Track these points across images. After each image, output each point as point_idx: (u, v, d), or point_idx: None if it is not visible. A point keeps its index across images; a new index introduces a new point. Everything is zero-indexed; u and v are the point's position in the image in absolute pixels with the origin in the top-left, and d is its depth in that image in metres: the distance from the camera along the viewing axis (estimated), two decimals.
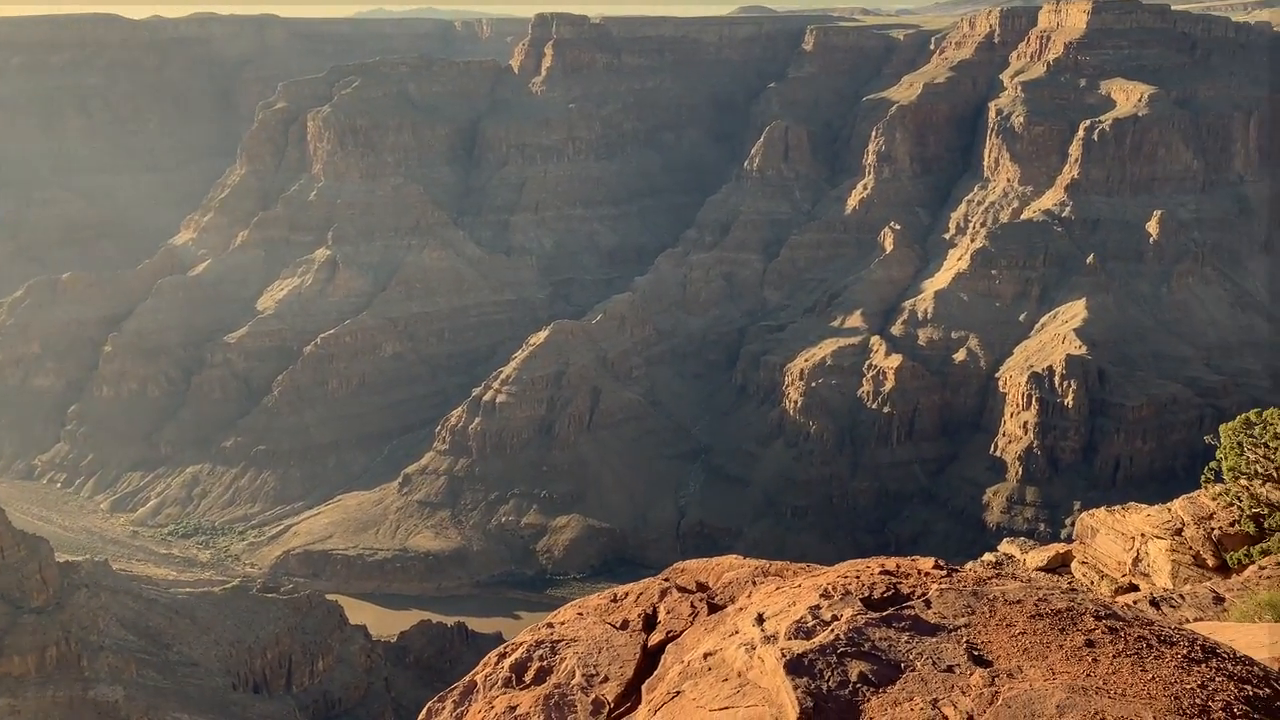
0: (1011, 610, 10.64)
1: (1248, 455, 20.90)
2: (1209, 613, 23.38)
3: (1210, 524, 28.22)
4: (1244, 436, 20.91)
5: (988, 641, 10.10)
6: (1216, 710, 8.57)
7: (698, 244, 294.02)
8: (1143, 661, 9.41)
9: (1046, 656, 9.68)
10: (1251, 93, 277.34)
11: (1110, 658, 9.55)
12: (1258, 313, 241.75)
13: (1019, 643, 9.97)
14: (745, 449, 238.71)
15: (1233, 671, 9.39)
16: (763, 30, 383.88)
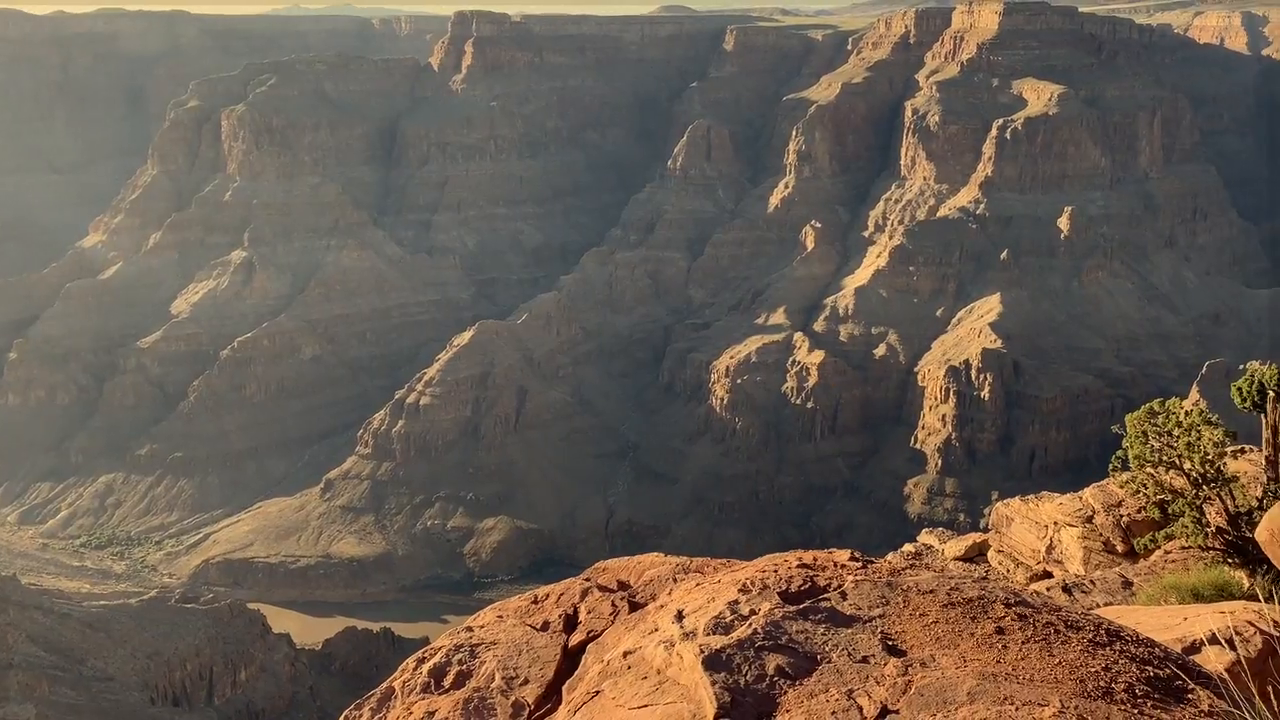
0: (925, 600, 10.79)
1: (1152, 444, 21.55)
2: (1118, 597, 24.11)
3: (1119, 511, 29.12)
4: (1148, 425, 21.55)
5: (901, 631, 10.23)
6: (1119, 691, 8.80)
7: (623, 243, 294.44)
8: (1050, 647, 9.62)
9: (958, 644, 9.84)
10: (1155, 92, 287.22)
11: (1019, 644, 9.75)
12: (1164, 305, 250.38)
13: (932, 632, 10.12)
14: (673, 446, 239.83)
15: (1135, 654, 9.65)
16: (684, 29, 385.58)
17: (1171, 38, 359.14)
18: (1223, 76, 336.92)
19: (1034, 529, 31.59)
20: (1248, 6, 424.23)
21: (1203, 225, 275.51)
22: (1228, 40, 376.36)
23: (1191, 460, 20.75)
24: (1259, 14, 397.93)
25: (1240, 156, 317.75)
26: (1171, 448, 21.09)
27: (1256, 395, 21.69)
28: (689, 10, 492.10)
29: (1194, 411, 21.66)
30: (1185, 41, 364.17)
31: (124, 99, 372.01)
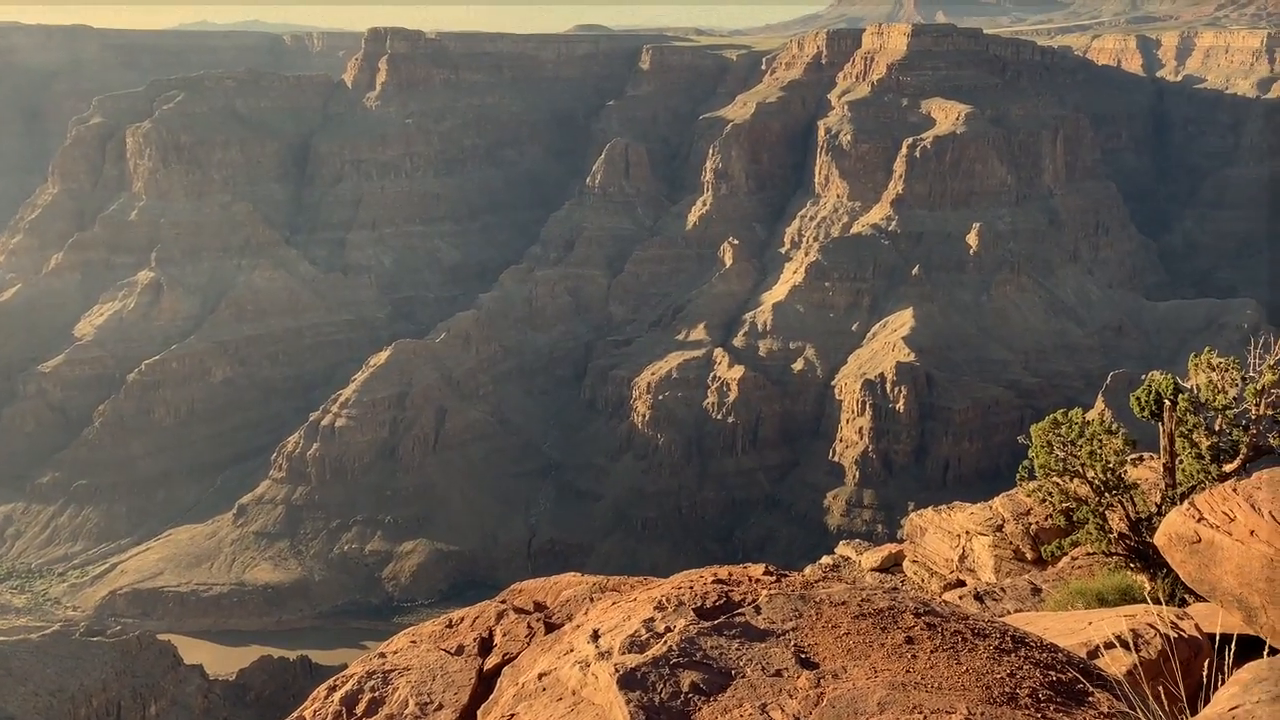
0: (837, 612, 10.90)
1: (1056, 453, 22.17)
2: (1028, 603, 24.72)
3: (1028, 519, 29.88)
4: (1052, 435, 22.17)
5: (814, 644, 10.31)
6: (1023, 696, 8.99)
7: (542, 260, 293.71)
8: (957, 655, 9.78)
9: (869, 655, 9.95)
10: (1057, 112, 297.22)
11: (928, 653, 9.89)
12: (1069, 318, 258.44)
13: (843, 643, 10.21)
14: (595, 464, 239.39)
15: (1039, 659, 9.87)
16: (600, 48, 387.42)
17: (1072, 59, 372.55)
18: (1120, 97, 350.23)
19: (947, 538, 32.24)
20: (1142, 30, 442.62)
21: (1104, 240, 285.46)
22: (1124, 62, 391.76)
23: (1094, 468, 21.40)
24: (1153, 37, 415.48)
25: (1137, 174, 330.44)
26: (1075, 457, 21.73)
27: (1154, 404, 22.47)
28: (605, 29, 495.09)
29: (1095, 421, 22.36)
30: (1085, 63, 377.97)
31: (21, 115, 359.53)
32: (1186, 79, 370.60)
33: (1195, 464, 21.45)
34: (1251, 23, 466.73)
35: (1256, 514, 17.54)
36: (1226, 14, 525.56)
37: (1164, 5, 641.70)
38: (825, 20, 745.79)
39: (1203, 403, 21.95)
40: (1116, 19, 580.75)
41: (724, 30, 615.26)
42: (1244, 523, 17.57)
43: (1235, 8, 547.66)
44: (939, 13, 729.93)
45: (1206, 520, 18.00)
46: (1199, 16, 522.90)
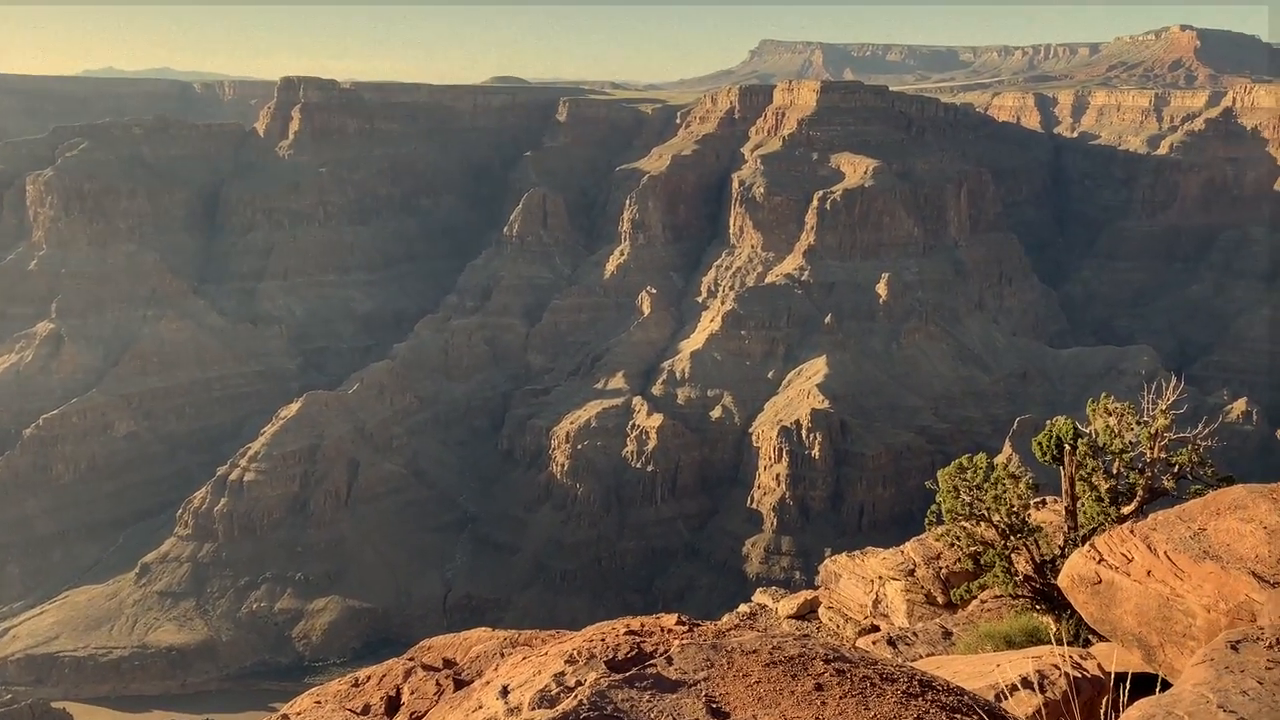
0: (748, 660, 10.88)
1: (963, 497, 22.61)
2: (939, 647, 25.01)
3: (938, 563, 30.33)
4: (958, 480, 22.62)
5: (725, 693, 10.27)
6: None
7: (459, 309, 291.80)
8: (866, 700, 9.83)
9: (779, 703, 9.94)
10: (961, 166, 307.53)
11: (837, 699, 9.92)
12: (976, 365, 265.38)
13: (754, 692, 10.19)
14: (513, 515, 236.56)
15: (945, 702, 9.97)
16: (517, 100, 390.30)
17: (974, 116, 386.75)
18: (1020, 152, 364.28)
19: (861, 584, 32.52)
20: (1040, 89, 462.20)
21: (1008, 289, 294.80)
22: (1023, 119, 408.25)
23: (999, 512, 21.88)
24: (1050, 96, 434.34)
25: (1038, 225, 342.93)
26: (980, 501, 22.19)
27: (1055, 449, 23.13)
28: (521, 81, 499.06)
29: (999, 466, 22.90)
30: (986, 119, 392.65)
31: None
32: (1082, 135, 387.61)
33: (1095, 506, 22.08)
34: (1140, 83, 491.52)
35: (1153, 554, 18.10)
36: (1117, 74, 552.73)
37: (1059, 65, 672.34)
38: (738, 76, 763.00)
39: (1101, 447, 22.66)
40: (1015, 78, 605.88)
41: (639, 85, 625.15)
42: (1141, 563, 18.11)
43: (1125, 69, 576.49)
44: (847, 70, 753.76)
45: (1106, 561, 18.51)
46: (1092, 76, 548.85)
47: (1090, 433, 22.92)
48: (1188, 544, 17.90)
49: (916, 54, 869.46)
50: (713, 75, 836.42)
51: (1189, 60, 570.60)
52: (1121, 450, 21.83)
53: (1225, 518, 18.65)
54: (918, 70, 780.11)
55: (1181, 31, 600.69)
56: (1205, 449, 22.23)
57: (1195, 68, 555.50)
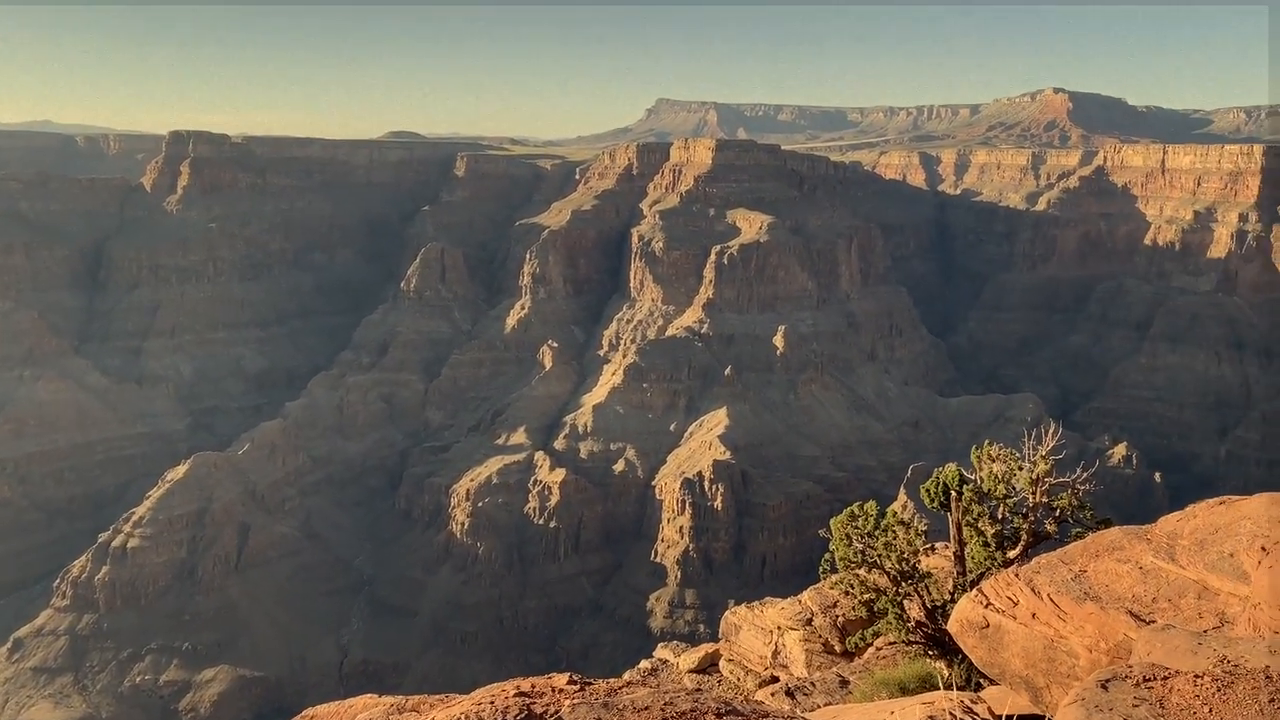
0: (640, 718, 10.70)
1: (855, 545, 22.88)
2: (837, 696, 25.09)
3: (835, 612, 30.56)
4: (850, 529, 22.92)
5: None
6: None
7: (354, 365, 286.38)
8: None
9: None
10: (851, 222, 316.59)
11: None
12: (870, 414, 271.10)
13: None
14: (411, 576, 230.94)
15: None
16: (414, 155, 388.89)
17: (862, 174, 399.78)
18: (907, 208, 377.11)
19: (760, 635, 32.55)
20: (924, 148, 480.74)
21: (899, 341, 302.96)
22: (909, 176, 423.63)
23: (890, 559, 22.19)
24: (933, 154, 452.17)
25: (925, 279, 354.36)
26: (872, 548, 22.49)
27: (943, 496, 23.63)
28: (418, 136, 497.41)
29: (890, 513, 23.28)
30: (873, 177, 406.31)
31: None
32: (965, 192, 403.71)
33: (982, 551, 22.58)
34: (1018, 143, 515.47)
35: (1037, 597, 18.52)
36: (996, 134, 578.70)
37: (942, 125, 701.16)
38: (635, 134, 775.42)
39: (986, 493, 23.24)
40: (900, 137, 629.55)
41: (538, 141, 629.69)
42: (1026, 606, 18.51)
43: (1003, 129, 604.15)
44: (740, 129, 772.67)
45: (993, 605, 18.87)
46: (973, 136, 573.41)
47: (976, 479, 23.50)
48: (1069, 586, 18.39)
49: (807, 114, 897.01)
50: (611, 132, 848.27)
51: (1062, 121, 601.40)
52: (1005, 496, 22.43)
53: (1104, 559, 19.25)
54: (808, 130, 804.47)
55: (1055, 94, 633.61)
56: (1085, 493, 22.98)
57: (1068, 128, 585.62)
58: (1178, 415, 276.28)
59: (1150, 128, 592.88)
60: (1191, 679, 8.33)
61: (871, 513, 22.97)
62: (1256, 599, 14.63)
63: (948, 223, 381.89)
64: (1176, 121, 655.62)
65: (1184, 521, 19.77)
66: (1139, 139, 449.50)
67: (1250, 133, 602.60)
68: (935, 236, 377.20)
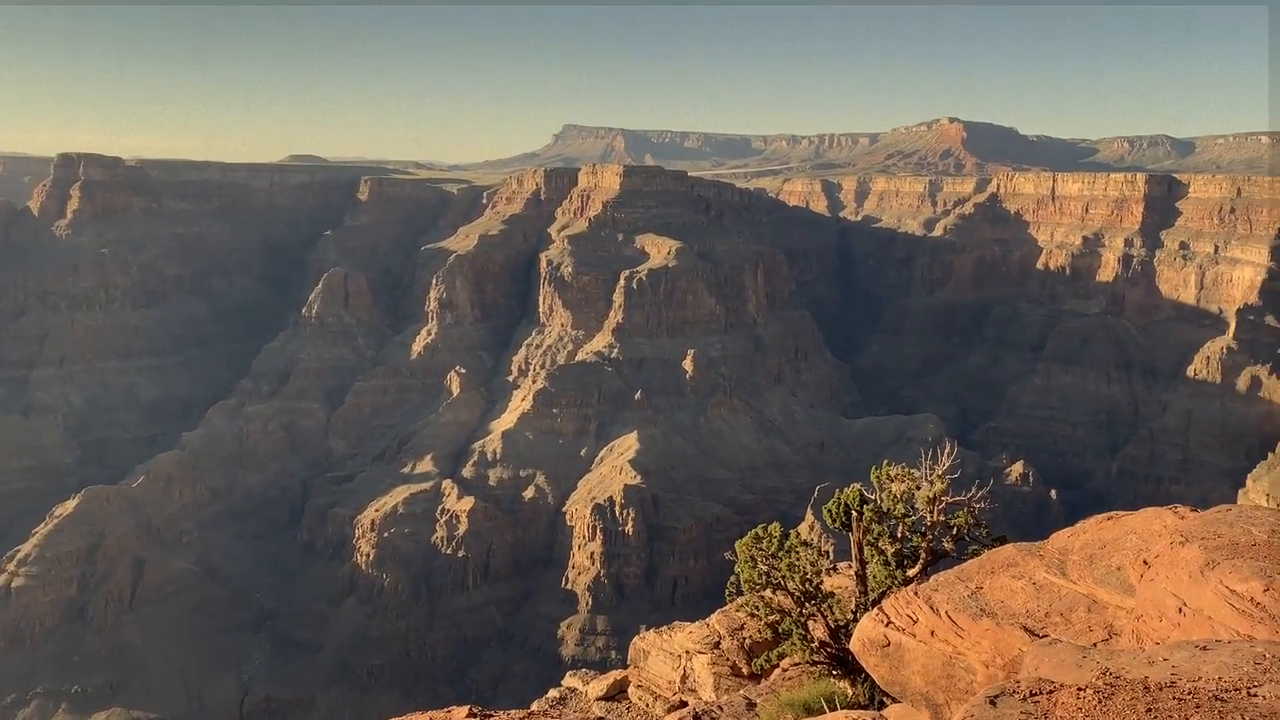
0: None
1: (759, 567, 23.01)
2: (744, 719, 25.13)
3: (742, 634, 30.64)
4: (754, 551, 23.04)
5: None
6: None
7: (254, 394, 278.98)
8: None
9: None
10: (756, 248, 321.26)
11: None
12: (778, 437, 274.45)
13: None
14: (315, 610, 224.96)
15: None
16: (316, 179, 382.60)
17: (767, 200, 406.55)
18: (810, 234, 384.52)
19: (669, 660, 32.45)
20: (826, 175, 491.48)
21: (804, 364, 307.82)
22: (811, 203, 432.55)
23: (793, 580, 22.36)
24: (835, 181, 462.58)
25: (828, 303, 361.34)
26: (776, 570, 22.63)
27: (844, 516, 23.93)
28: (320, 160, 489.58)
29: (793, 534, 23.48)
30: (778, 203, 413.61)
31: None
32: (865, 218, 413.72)
33: (883, 570, 22.91)
34: (915, 170, 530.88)
35: (935, 615, 18.83)
36: (894, 162, 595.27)
37: (843, 154, 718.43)
38: (543, 159, 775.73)
39: (886, 512, 23.62)
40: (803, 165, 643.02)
41: (444, 165, 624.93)
42: (925, 624, 18.79)
43: (901, 157, 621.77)
44: (647, 155, 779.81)
45: (893, 624, 19.12)
46: (872, 164, 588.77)
47: (876, 499, 23.88)
48: (966, 603, 18.74)
49: (712, 141, 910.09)
50: (518, 157, 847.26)
51: (957, 149, 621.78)
52: (904, 515, 22.82)
53: (999, 576, 19.68)
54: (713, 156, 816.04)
55: (950, 124, 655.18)
56: (980, 511, 23.53)
57: (963, 156, 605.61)
58: (1071, 433, 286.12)
59: (1040, 156, 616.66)
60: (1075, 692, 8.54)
61: (775, 534, 23.13)
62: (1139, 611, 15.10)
63: (849, 248, 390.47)
64: (1064, 150, 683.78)
65: (1074, 537, 20.36)
66: (1030, 167, 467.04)
67: (1133, 161, 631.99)
68: (838, 262, 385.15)
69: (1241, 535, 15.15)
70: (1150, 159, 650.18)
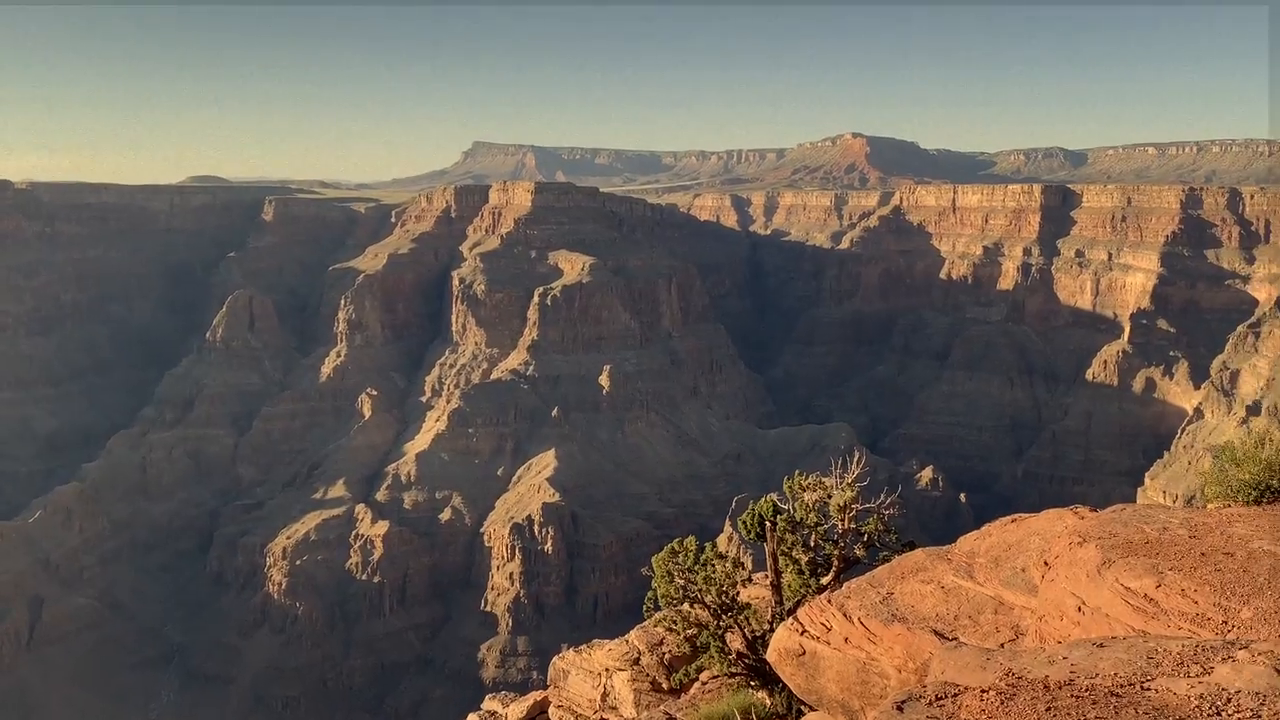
0: None
1: (677, 581, 23.05)
2: None
3: (662, 649, 30.63)
4: (671, 565, 23.08)
5: None
6: None
7: (157, 422, 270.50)
8: None
9: None
10: (670, 262, 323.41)
11: None
12: (696, 449, 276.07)
13: None
14: (226, 643, 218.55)
15: None
16: (217, 200, 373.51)
17: (678, 215, 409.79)
18: (721, 248, 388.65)
19: (589, 678, 32.26)
20: (735, 190, 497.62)
21: (719, 376, 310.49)
22: (722, 218, 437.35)
23: (710, 593, 22.45)
24: (744, 196, 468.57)
25: (741, 316, 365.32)
26: (693, 583, 22.70)
27: (758, 527, 24.13)
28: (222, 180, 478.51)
29: (708, 547, 23.59)
30: (690, 219, 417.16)
31: None
32: (775, 232, 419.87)
33: (797, 580, 23.14)
34: (822, 185, 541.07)
35: (849, 622, 19.06)
36: (801, 177, 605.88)
37: (751, 169, 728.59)
38: (452, 176, 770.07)
39: (799, 521, 23.89)
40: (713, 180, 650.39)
41: (350, 184, 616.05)
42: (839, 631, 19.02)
43: (808, 172, 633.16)
44: (558, 172, 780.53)
45: (808, 632, 19.30)
46: (779, 179, 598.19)
47: (789, 509, 24.13)
48: (878, 609, 19.01)
49: (623, 157, 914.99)
50: (427, 175, 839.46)
51: (861, 164, 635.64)
52: (817, 524, 23.10)
53: (909, 581, 20.02)
54: (624, 173, 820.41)
55: (854, 139, 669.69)
56: (890, 517, 23.94)
57: (867, 170, 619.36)
58: (978, 438, 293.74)
59: (941, 169, 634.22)
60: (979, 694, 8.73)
61: (691, 548, 23.21)
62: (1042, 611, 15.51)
63: (760, 261, 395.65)
64: (964, 163, 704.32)
65: (980, 540, 20.83)
66: (931, 180, 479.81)
67: (1029, 173, 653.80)
68: (749, 275, 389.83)
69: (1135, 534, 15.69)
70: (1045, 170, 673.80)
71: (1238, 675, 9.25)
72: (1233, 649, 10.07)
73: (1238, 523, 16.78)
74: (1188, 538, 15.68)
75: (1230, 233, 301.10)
